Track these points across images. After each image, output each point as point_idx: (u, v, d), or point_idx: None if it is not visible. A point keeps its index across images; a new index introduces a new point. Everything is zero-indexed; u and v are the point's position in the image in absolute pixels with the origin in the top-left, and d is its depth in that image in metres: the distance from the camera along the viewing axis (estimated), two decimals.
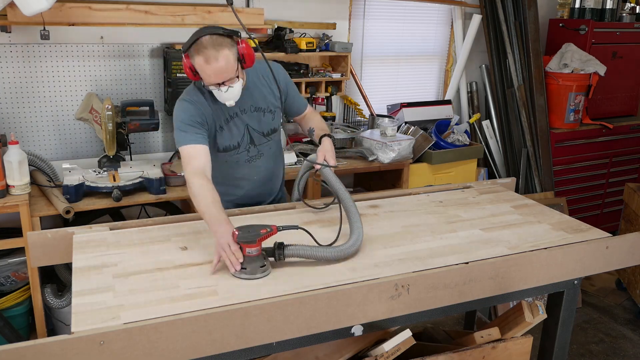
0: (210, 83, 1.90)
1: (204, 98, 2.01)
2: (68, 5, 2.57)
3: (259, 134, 2.15)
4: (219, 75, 1.87)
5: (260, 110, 2.12)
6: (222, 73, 1.87)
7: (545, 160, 3.96)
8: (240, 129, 2.10)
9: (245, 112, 2.09)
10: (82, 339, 1.26)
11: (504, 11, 3.88)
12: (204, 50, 1.84)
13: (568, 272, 1.90)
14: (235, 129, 2.09)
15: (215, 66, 1.85)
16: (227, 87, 1.91)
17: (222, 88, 1.91)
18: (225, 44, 1.86)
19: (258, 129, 2.14)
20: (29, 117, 2.89)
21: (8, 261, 2.68)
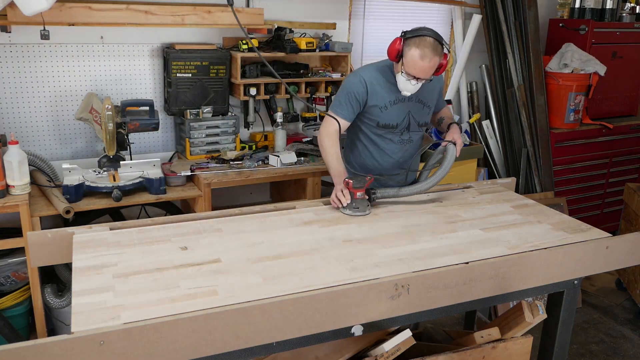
0: (408, 73, 2.19)
1: (382, 77, 2.33)
2: (68, 5, 2.57)
3: (415, 123, 2.42)
4: (420, 72, 2.17)
5: (422, 103, 2.41)
6: (424, 73, 2.18)
7: (545, 160, 3.96)
8: (402, 113, 2.38)
9: (411, 101, 2.37)
10: (82, 339, 1.26)
11: (504, 11, 3.88)
12: (424, 48, 2.13)
13: (568, 272, 1.90)
14: (399, 112, 2.37)
15: (425, 65, 2.14)
16: (417, 82, 2.21)
17: (413, 82, 2.21)
18: (439, 52, 2.16)
19: (416, 118, 2.42)
20: (29, 117, 2.89)
21: (8, 261, 2.68)
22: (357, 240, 1.90)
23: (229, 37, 3.25)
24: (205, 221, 2.02)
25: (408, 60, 2.16)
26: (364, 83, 2.32)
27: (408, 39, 2.16)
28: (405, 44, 2.17)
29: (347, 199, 2.15)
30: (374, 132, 2.41)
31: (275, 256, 1.76)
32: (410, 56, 2.15)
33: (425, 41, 2.13)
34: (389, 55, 2.23)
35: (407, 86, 2.23)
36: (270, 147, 3.33)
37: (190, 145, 3.07)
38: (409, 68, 2.18)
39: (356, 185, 2.16)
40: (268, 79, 3.21)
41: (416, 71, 2.17)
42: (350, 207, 2.15)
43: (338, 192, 2.18)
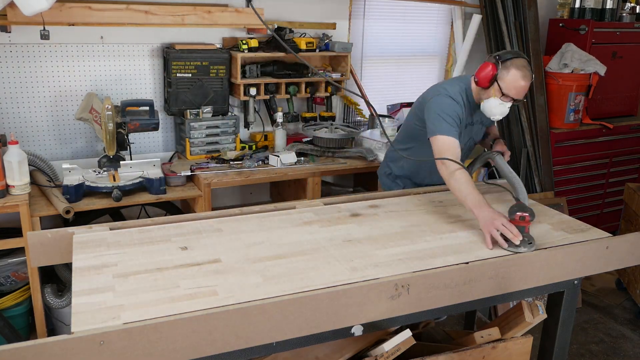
0: (508, 95, 2.18)
1: (465, 100, 2.30)
2: (68, 5, 2.57)
3: (473, 142, 2.51)
4: (520, 94, 2.18)
5: (480, 124, 2.46)
6: (522, 94, 2.19)
7: (545, 160, 3.96)
8: (467, 137, 2.43)
9: (474, 125, 2.42)
10: (82, 339, 1.26)
11: (504, 11, 3.88)
12: (523, 69, 2.15)
13: (568, 272, 1.90)
14: (466, 136, 2.40)
15: (525, 86, 2.16)
16: (509, 105, 2.21)
17: (508, 104, 2.21)
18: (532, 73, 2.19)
19: (475, 137, 2.49)
20: (29, 117, 2.89)
21: (8, 261, 2.68)
22: (357, 240, 1.90)
23: (229, 37, 3.25)
24: (205, 221, 2.02)
25: (508, 83, 2.16)
26: (459, 107, 2.26)
27: (505, 61, 2.17)
28: (503, 67, 2.17)
29: (517, 234, 1.83)
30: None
31: (275, 256, 1.76)
32: (512, 78, 2.15)
33: (521, 63, 2.16)
34: (481, 81, 2.21)
35: (501, 110, 2.24)
36: (270, 147, 3.33)
37: (190, 145, 3.07)
38: (509, 90, 2.17)
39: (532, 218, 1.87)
40: (268, 79, 3.22)
41: (517, 92, 2.18)
42: (524, 243, 1.84)
43: (500, 227, 1.84)
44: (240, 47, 3.10)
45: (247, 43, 3.09)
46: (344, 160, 3.20)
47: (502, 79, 2.18)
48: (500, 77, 2.18)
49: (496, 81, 2.19)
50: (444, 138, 2.16)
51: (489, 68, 2.19)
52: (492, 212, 1.90)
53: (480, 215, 1.92)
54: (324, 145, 3.26)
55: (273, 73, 3.24)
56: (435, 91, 2.33)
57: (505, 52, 2.23)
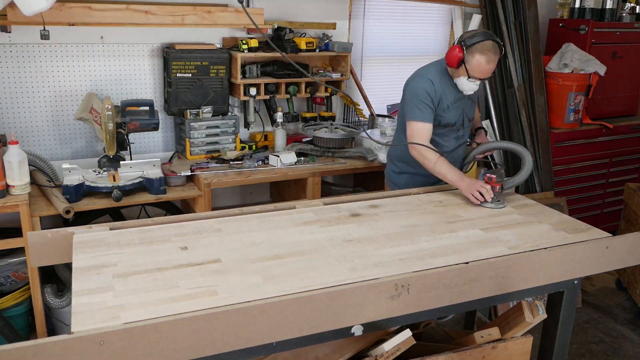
0: (474, 77, 2.37)
1: (444, 78, 2.47)
2: (68, 5, 2.58)
3: (467, 119, 2.60)
4: (485, 74, 2.36)
5: (470, 99, 2.58)
6: (488, 74, 2.37)
7: (545, 160, 3.96)
8: (459, 111, 2.54)
9: (464, 98, 2.53)
10: (82, 339, 1.26)
11: (504, 11, 3.88)
12: (488, 52, 2.31)
13: (568, 272, 1.90)
14: (457, 110, 2.53)
15: (490, 68, 2.34)
16: (479, 82, 2.39)
17: (477, 82, 2.39)
18: (498, 53, 2.34)
19: (468, 114, 2.59)
20: (29, 117, 2.89)
21: (8, 261, 2.68)
22: (357, 240, 1.90)
23: (229, 37, 3.25)
24: (205, 221, 2.02)
25: (474, 66, 2.34)
26: (431, 85, 2.44)
27: (469, 46, 2.32)
28: (468, 51, 2.33)
29: (491, 193, 2.23)
30: (438, 132, 2.53)
31: (275, 256, 1.76)
32: (476, 62, 2.33)
33: (486, 46, 2.31)
34: (449, 62, 2.38)
35: (471, 86, 2.42)
36: (270, 147, 3.33)
37: (190, 145, 3.07)
38: (474, 72, 2.36)
39: (499, 179, 2.26)
40: (268, 79, 3.22)
41: (482, 73, 2.36)
42: (493, 200, 2.26)
43: (479, 188, 2.24)
44: (240, 47, 3.10)
45: (247, 43, 3.09)
46: (344, 160, 3.20)
47: (468, 62, 2.35)
48: (466, 61, 2.35)
49: (463, 63, 2.36)
50: (414, 124, 2.41)
51: (456, 51, 2.35)
52: (471, 180, 2.29)
53: (462, 184, 2.29)
54: (324, 145, 3.26)
55: (273, 73, 3.24)
56: (412, 76, 2.54)
57: (472, 35, 2.36)
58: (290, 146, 3.24)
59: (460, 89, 2.47)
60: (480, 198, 2.24)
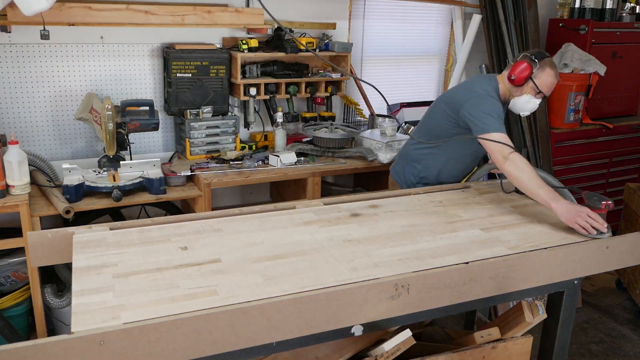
0: (542, 91, 2.39)
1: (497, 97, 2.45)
2: (68, 5, 2.58)
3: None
4: (551, 90, 2.42)
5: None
6: (552, 90, 2.43)
7: (545, 160, 3.96)
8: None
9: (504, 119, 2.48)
10: (82, 339, 1.26)
11: (504, 11, 3.88)
12: (555, 68, 2.40)
13: (568, 272, 1.90)
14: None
15: (556, 83, 2.41)
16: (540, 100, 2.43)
17: (538, 100, 2.42)
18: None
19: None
20: (29, 117, 2.89)
21: (8, 261, 2.68)
22: (357, 240, 1.89)
23: (229, 37, 3.25)
24: (205, 221, 2.02)
25: (543, 81, 2.37)
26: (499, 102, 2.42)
27: (540, 59, 2.37)
28: (538, 67, 2.37)
29: (603, 222, 1.95)
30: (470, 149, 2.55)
31: (275, 256, 1.76)
32: (546, 77, 2.37)
33: (552, 61, 2.41)
34: (517, 80, 2.38)
35: (532, 106, 2.45)
36: (270, 147, 3.33)
37: (190, 145, 3.07)
38: (543, 87, 2.38)
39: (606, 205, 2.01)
40: (268, 79, 3.22)
41: (548, 89, 2.40)
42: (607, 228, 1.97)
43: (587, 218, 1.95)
44: (240, 47, 3.10)
45: (247, 43, 3.09)
46: (344, 160, 3.20)
47: (537, 77, 2.37)
48: (535, 76, 2.37)
49: (531, 79, 2.37)
50: (498, 135, 2.27)
51: (524, 66, 2.36)
52: (570, 204, 2.02)
53: (559, 208, 2.02)
54: (324, 145, 3.26)
55: (273, 73, 3.24)
56: (473, 92, 2.43)
57: (536, 51, 2.42)
58: (290, 146, 3.25)
59: (519, 109, 2.47)
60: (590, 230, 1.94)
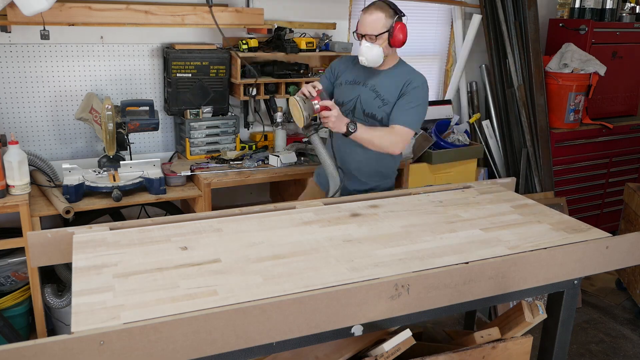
0: (357, 31, 2.33)
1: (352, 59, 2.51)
2: (68, 5, 2.58)
3: (361, 109, 2.46)
4: (364, 26, 2.30)
5: (375, 92, 2.42)
6: (367, 26, 2.29)
7: (545, 160, 3.96)
8: (353, 95, 2.46)
9: (365, 86, 2.44)
10: (82, 339, 1.26)
11: (504, 11, 3.88)
12: (369, 5, 2.33)
13: (568, 272, 1.90)
14: (350, 92, 2.47)
15: (367, 18, 2.30)
16: (367, 42, 2.30)
17: (364, 42, 2.31)
18: (385, 10, 2.29)
19: (364, 105, 2.44)
20: (29, 117, 2.89)
21: (8, 261, 2.68)
22: (357, 240, 1.89)
23: (229, 37, 3.25)
24: (205, 221, 2.02)
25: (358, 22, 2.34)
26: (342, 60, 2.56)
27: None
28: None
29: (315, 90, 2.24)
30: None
31: (275, 256, 1.76)
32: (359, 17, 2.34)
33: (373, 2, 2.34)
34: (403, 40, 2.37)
35: (360, 49, 2.34)
36: (270, 147, 3.33)
37: (190, 145, 3.07)
38: (358, 26, 2.34)
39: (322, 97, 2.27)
40: (268, 79, 3.22)
41: (360, 26, 2.32)
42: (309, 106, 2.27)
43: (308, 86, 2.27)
44: (240, 47, 3.10)
45: (247, 43, 3.09)
46: None
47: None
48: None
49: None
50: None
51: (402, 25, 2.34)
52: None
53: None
54: None
55: (273, 73, 3.24)
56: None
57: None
58: (290, 146, 3.24)
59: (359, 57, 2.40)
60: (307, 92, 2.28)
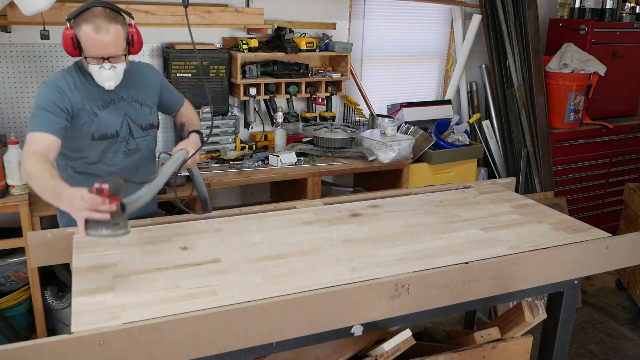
0: (94, 55, 1.81)
1: (77, 80, 1.92)
2: (68, 5, 2.57)
3: (137, 126, 2.06)
4: (106, 48, 1.80)
5: (138, 102, 2.05)
6: (110, 47, 1.81)
7: (545, 160, 3.96)
8: (119, 117, 1.99)
9: (124, 100, 2.01)
10: (82, 339, 1.26)
11: (504, 11, 3.88)
12: (95, 19, 1.77)
13: (568, 272, 1.90)
14: (114, 117, 1.98)
15: (105, 38, 1.79)
16: (111, 65, 1.84)
17: (106, 65, 1.84)
18: (118, 19, 1.82)
19: (136, 119, 2.04)
20: (29, 117, 2.89)
21: (8, 261, 2.68)
22: (357, 240, 1.90)
23: (229, 37, 3.25)
24: (205, 221, 2.02)
25: (86, 42, 1.80)
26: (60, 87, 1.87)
27: (73, 19, 1.81)
28: (75, 27, 1.81)
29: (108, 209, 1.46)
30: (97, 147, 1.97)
31: (275, 256, 1.76)
32: (85, 36, 1.79)
33: (92, 13, 1.79)
34: (66, 50, 1.84)
35: (104, 74, 1.85)
36: (270, 147, 3.33)
37: None
38: (91, 49, 1.81)
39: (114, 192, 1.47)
40: (268, 79, 3.22)
41: (101, 49, 1.80)
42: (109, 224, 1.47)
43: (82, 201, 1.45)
44: (240, 47, 3.10)
45: (247, 43, 3.09)
46: (344, 160, 3.20)
47: (80, 39, 1.81)
48: (79, 39, 1.82)
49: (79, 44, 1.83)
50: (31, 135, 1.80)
51: (66, 31, 1.82)
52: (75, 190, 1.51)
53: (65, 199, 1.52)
54: (324, 145, 3.26)
55: (273, 73, 3.25)
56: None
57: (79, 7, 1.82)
58: (290, 146, 3.24)
59: (99, 82, 1.89)
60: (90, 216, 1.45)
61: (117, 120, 2.00)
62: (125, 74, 1.96)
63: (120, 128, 2.01)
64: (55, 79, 1.90)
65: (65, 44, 1.83)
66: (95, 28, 1.78)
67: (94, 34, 1.78)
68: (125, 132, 2.02)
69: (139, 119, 2.06)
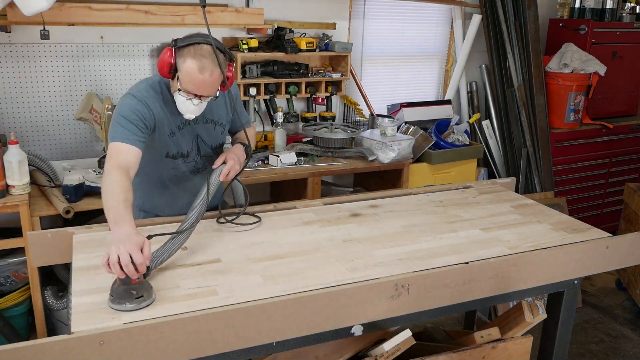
0: (187, 91, 1.80)
1: (163, 98, 1.90)
2: (68, 5, 2.57)
3: (207, 147, 2.07)
4: (203, 88, 1.79)
5: (212, 122, 2.04)
6: (207, 88, 1.80)
7: (545, 160, 3.96)
8: (190, 138, 2.01)
9: (199, 122, 2.00)
10: (82, 339, 1.26)
11: (504, 11, 3.88)
12: (202, 58, 1.75)
13: (568, 272, 1.90)
14: (186, 138, 1.99)
15: (205, 79, 1.76)
16: (199, 102, 1.83)
17: (195, 101, 1.82)
18: (221, 62, 1.79)
19: (207, 141, 2.06)
20: (29, 117, 2.89)
21: (8, 261, 2.68)
22: (357, 240, 1.90)
23: (229, 37, 3.25)
24: (206, 221, 2.02)
25: (185, 75, 1.77)
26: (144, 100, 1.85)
27: (181, 48, 1.78)
28: (179, 55, 1.78)
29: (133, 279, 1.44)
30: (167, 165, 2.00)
31: (275, 256, 1.76)
32: (187, 70, 1.76)
33: (202, 49, 1.76)
34: (160, 71, 1.81)
35: (188, 107, 1.84)
36: (270, 147, 3.33)
37: None
38: (187, 85, 1.78)
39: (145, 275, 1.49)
40: (268, 79, 3.22)
41: (197, 88, 1.78)
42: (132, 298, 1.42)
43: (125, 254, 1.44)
44: (240, 47, 3.10)
45: (247, 43, 3.09)
46: (344, 160, 3.20)
47: (180, 70, 1.79)
48: (178, 68, 1.79)
49: (176, 72, 1.80)
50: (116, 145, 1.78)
51: (167, 54, 1.79)
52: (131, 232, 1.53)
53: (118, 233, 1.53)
54: (324, 145, 3.26)
55: (273, 73, 3.24)
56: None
57: (188, 35, 1.81)
58: (290, 146, 3.24)
59: (180, 110, 1.87)
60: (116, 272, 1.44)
61: (189, 141, 2.01)
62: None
63: (191, 149, 2.03)
64: (142, 92, 1.87)
65: (161, 66, 1.80)
66: (200, 67, 1.75)
67: (197, 73, 1.75)
68: (194, 152, 2.04)
69: (209, 140, 2.07)
